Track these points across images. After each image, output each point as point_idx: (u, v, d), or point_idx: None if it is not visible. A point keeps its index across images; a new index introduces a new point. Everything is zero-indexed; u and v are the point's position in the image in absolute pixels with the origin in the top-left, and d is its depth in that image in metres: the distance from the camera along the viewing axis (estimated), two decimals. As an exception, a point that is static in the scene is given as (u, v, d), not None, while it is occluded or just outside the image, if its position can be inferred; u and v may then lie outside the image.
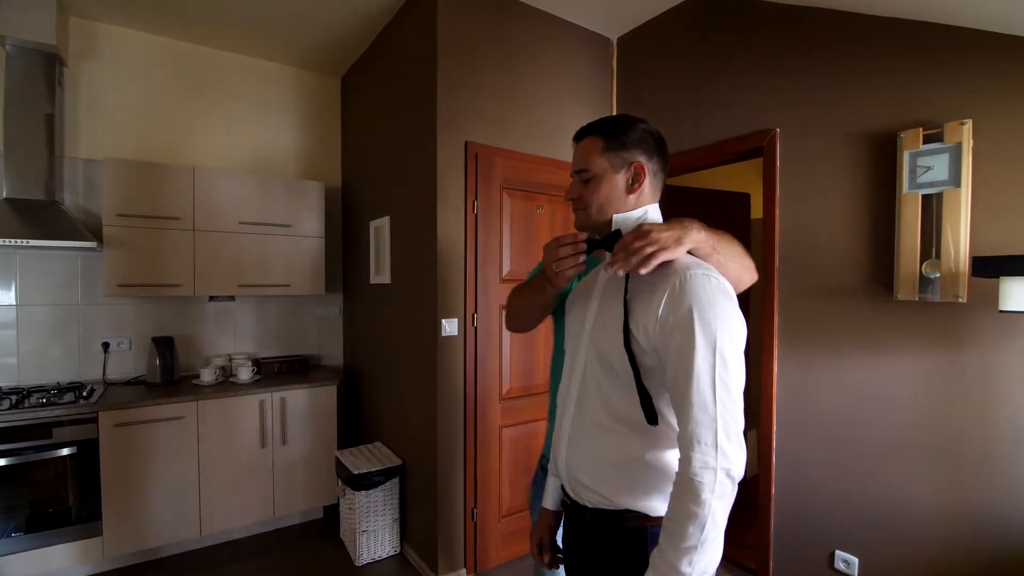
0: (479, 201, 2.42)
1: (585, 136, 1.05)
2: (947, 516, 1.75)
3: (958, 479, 1.73)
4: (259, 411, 2.72)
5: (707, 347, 0.85)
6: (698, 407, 0.83)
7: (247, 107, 3.20)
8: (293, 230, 3.05)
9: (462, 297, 2.41)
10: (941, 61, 1.76)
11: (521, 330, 1.43)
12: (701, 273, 0.90)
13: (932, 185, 1.77)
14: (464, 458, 2.40)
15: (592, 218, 1.04)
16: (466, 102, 2.41)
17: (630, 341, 0.94)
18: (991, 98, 1.66)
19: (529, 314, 1.34)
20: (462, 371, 2.40)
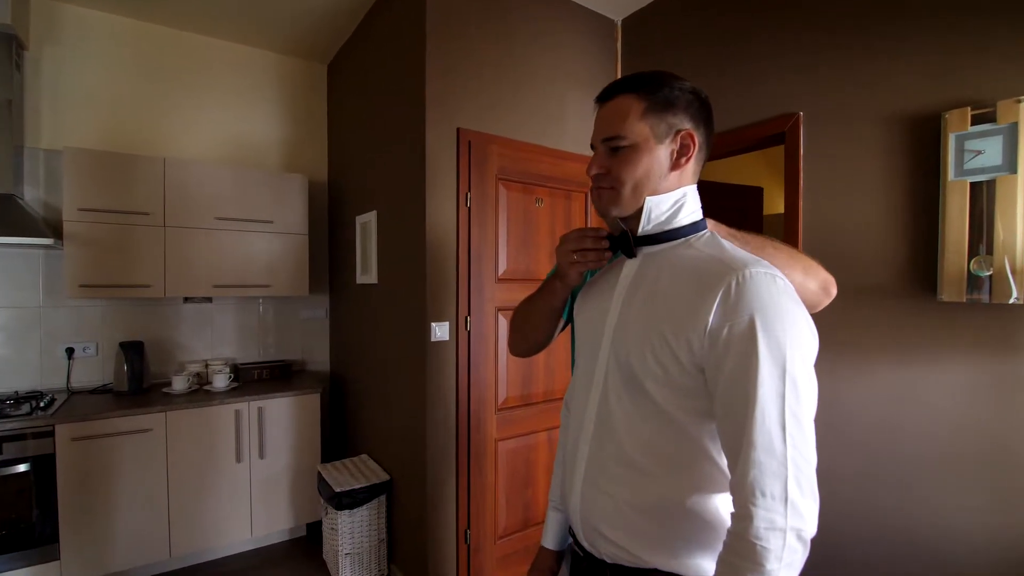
0: (472, 193, 2.21)
1: (617, 94, 0.83)
2: (995, 540, 1.54)
3: (1010, 498, 1.52)
4: (234, 422, 2.51)
5: (774, 369, 0.65)
6: (762, 448, 0.64)
7: (225, 95, 2.99)
8: (274, 226, 2.84)
9: (454, 298, 2.20)
10: (991, 31, 1.56)
11: (528, 350, 1.20)
12: (763, 272, 0.70)
13: (983, 171, 1.57)
14: (456, 474, 2.19)
15: (623, 199, 0.83)
16: (458, 85, 2.20)
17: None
18: (1054, 71, 1.46)
19: (536, 325, 1.12)
20: (454, 379, 2.20)
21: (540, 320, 1.10)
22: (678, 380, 0.74)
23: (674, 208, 0.83)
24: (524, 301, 1.16)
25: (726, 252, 0.77)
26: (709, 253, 0.78)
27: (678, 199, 0.83)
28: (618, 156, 0.82)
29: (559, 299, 1.04)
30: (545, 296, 1.06)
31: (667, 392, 0.75)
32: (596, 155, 0.85)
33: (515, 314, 1.19)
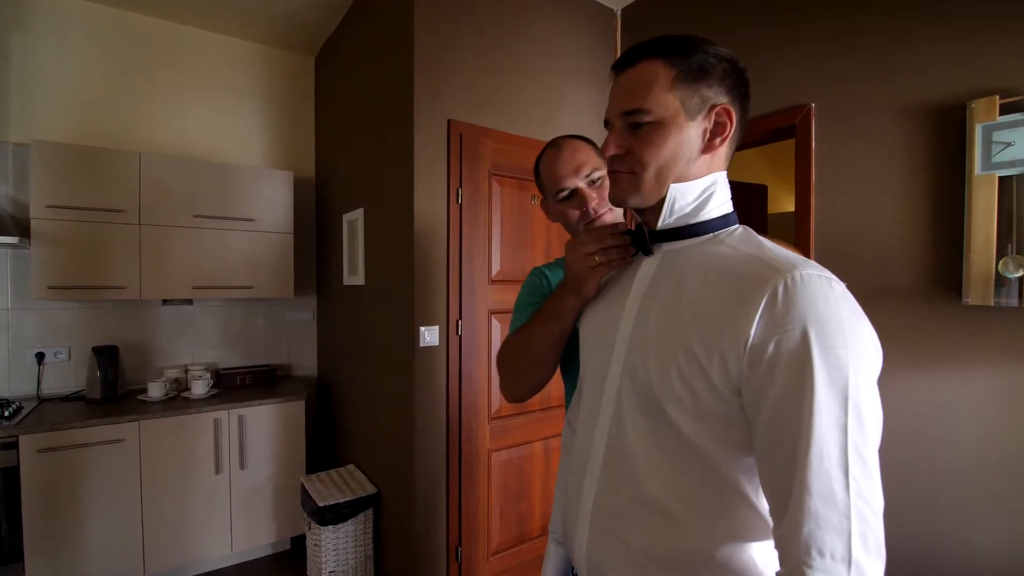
0: (464, 189, 2.09)
1: (640, 59, 0.69)
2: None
3: (1046, 524, 1.41)
4: (214, 431, 2.38)
5: (834, 395, 0.53)
6: (819, 495, 0.52)
7: (206, 87, 2.86)
8: (258, 225, 2.71)
9: (444, 301, 2.07)
10: (1019, 12, 1.44)
11: (529, 392, 1.01)
12: (816, 274, 0.57)
13: (1013, 165, 1.45)
14: (447, 487, 2.07)
15: (644, 186, 0.70)
16: (449, 75, 2.08)
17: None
18: (1093, 55, 1.34)
19: (541, 360, 0.94)
20: (444, 387, 2.07)
21: (546, 353, 0.92)
22: (709, 405, 0.61)
23: (702, 198, 0.71)
24: (518, 336, 0.97)
25: (767, 250, 0.64)
26: (746, 252, 0.65)
27: (707, 187, 0.70)
28: (640, 134, 0.69)
29: (570, 320, 0.87)
30: (550, 322, 0.88)
31: (695, 420, 0.63)
32: (612, 132, 0.72)
33: (506, 354, 1.00)
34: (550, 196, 1.07)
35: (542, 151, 1.10)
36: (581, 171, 1.02)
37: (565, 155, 1.04)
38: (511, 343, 1.00)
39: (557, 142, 1.08)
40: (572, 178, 1.02)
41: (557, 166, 1.04)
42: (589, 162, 1.03)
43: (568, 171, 1.02)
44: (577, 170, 1.02)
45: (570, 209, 1.04)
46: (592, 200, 1.02)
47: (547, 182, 1.06)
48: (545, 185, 1.08)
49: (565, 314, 0.87)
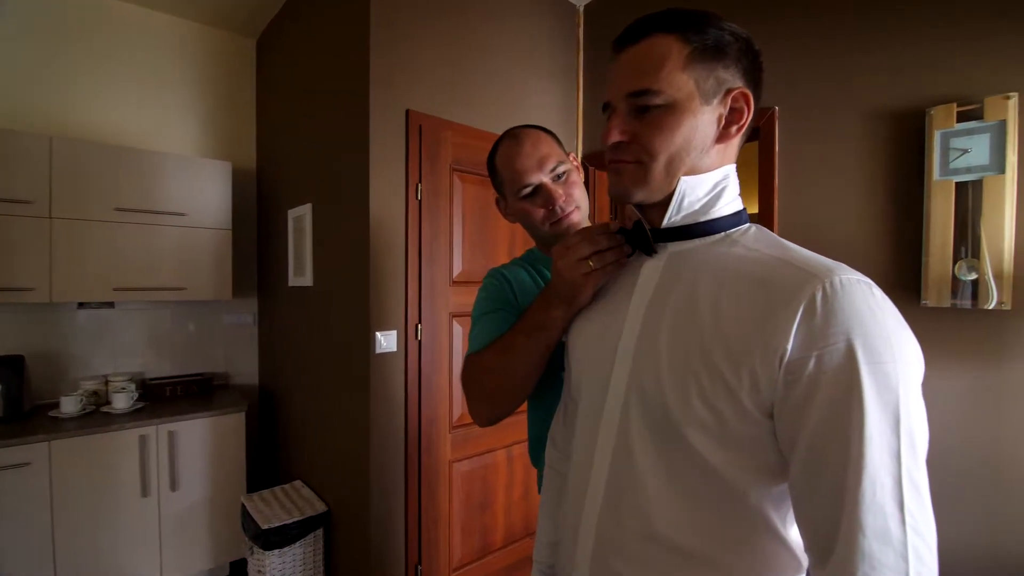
0: (424, 185, 1.96)
1: (649, 33, 0.61)
2: (986, 559, 1.47)
3: (1001, 514, 1.46)
4: (139, 450, 2.13)
5: (885, 418, 0.47)
6: (874, 533, 0.46)
7: (133, 67, 2.57)
8: (191, 220, 2.46)
9: (402, 304, 1.94)
10: (978, 24, 1.48)
11: (504, 415, 0.90)
12: (856, 279, 0.51)
13: (969, 171, 1.49)
14: (406, 502, 1.94)
15: (653, 178, 0.62)
16: (407, 61, 1.95)
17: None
18: (1043, 66, 1.39)
19: (523, 379, 0.84)
20: (403, 395, 1.94)
21: (529, 370, 0.82)
22: (736, 429, 0.54)
23: (713, 193, 0.64)
24: (493, 352, 0.85)
25: (793, 252, 0.57)
26: (769, 253, 0.58)
27: (718, 182, 0.63)
28: (648, 119, 0.60)
29: (558, 333, 0.78)
30: (533, 335, 0.79)
31: (719, 446, 0.55)
32: (615, 117, 0.63)
33: (477, 374, 0.88)
34: (510, 193, 0.97)
35: (497, 143, 0.99)
36: (545, 165, 0.93)
37: (527, 147, 0.94)
38: (483, 360, 0.87)
39: (515, 133, 0.98)
40: (536, 173, 0.93)
41: (518, 159, 0.94)
42: (553, 155, 0.94)
43: (531, 165, 0.93)
44: (541, 164, 0.93)
45: (534, 208, 0.94)
46: (559, 198, 0.93)
47: (507, 177, 0.96)
48: (504, 181, 0.98)
49: (552, 326, 0.77)
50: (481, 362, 0.88)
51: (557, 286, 0.74)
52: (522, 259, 1.09)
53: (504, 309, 0.96)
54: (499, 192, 1.04)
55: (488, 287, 1.01)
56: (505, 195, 1.00)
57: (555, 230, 0.95)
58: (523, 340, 0.81)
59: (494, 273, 1.04)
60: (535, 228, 0.98)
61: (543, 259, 1.05)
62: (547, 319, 0.77)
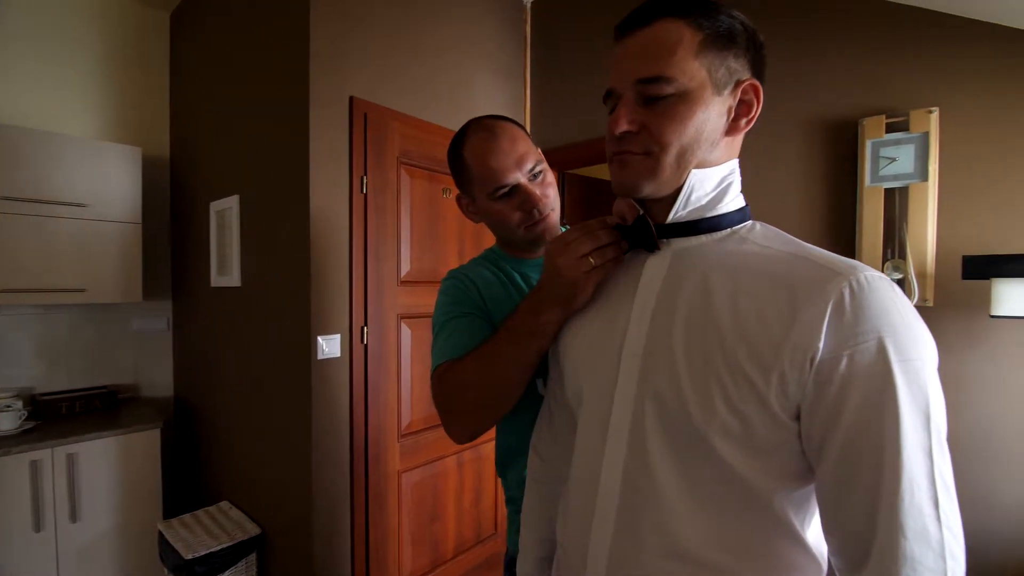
0: (370, 178, 1.84)
1: (658, 17, 0.57)
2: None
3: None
4: (30, 477, 1.83)
5: (918, 417, 0.47)
6: (914, 535, 0.45)
7: (29, 39, 2.20)
8: (93, 211, 2.15)
9: (347, 305, 1.81)
10: (906, 43, 1.60)
11: (486, 427, 0.81)
12: (879, 276, 0.50)
13: (896, 178, 1.61)
14: (352, 518, 1.81)
15: (663, 171, 0.58)
16: (351, 46, 1.81)
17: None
18: (960, 85, 1.53)
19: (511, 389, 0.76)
20: (348, 404, 1.80)
21: (517, 379, 0.75)
22: (763, 434, 0.52)
23: (720, 188, 0.61)
24: (474, 362, 0.76)
25: (809, 249, 0.56)
26: (784, 251, 0.56)
27: (725, 176, 0.61)
28: (658, 108, 0.56)
29: (551, 338, 0.72)
30: (523, 342, 0.71)
31: (746, 452, 0.53)
32: (622, 105, 0.58)
33: (457, 386, 0.79)
34: (481, 192, 0.89)
35: (462, 135, 0.91)
36: (524, 164, 0.86)
37: (503, 143, 0.86)
38: (462, 373, 0.77)
39: (488, 125, 0.89)
40: (514, 172, 0.85)
41: (495, 157, 0.86)
42: (531, 153, 0.88)
43: (509, 164, 0.85)
44: (519, 163, 0.86)
45: (509, 210, 0.87)
46: (538, 200, 0.86)
47: (479, 175, 0.88)
48: (476, 179, 0.89)
49: (544, 332, 0.70)
50: (460, 375, 0.78)
51: (553, 286, 0.67)
52: (483, 259, 1.01)
53: (473, 313, 0.88)
54: (463, 189, 0.94)
55: (450, 290, 0.92)
56: (473, 193, 0.91)
57: (530, 234, 0.89)
58: (510, 349, 0.73)
59: (455, 274, 0.95)
60: (507, 231, 0.91)
61: (509, 259, 0.98)
62: (538, 324, 0.70)
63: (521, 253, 0.97)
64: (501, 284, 0.94)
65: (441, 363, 0.82)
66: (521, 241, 0.92)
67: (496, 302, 0.91)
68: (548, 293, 0.69)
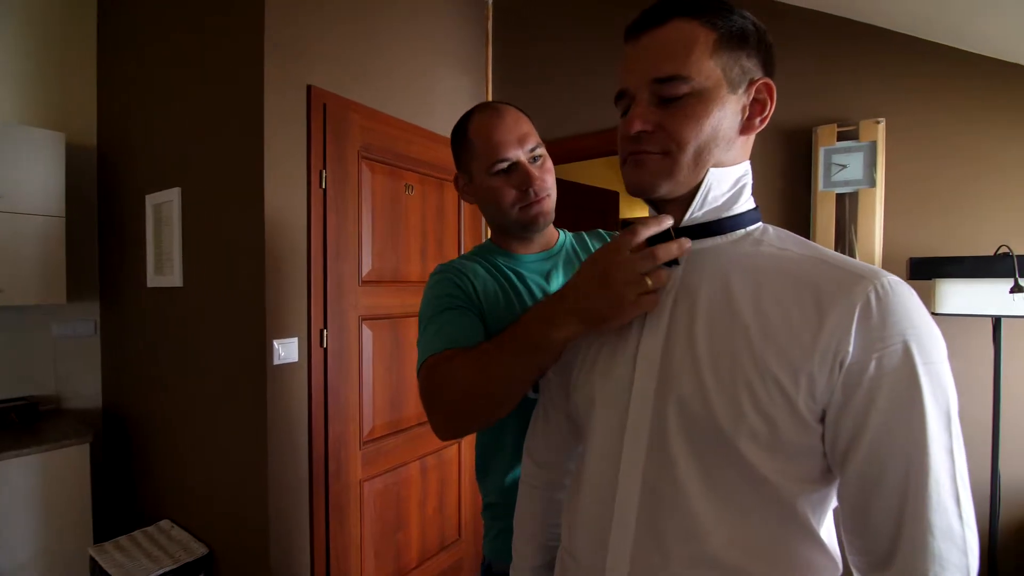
0: (329, 172, 1.74)
1: (672, 16, 0.56)
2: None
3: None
4: (-71, 504, 1.61)
5: (941, 418, 0.48)
6: (941, 533, 0.47)
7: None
8: (7, 203, 1.93)
9: (305, 307, 1.71)
10: (856, 57, 1.70)
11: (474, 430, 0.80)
12: (899, 280, 0.52)
13: (847, 184, 1.70)
14: (311, 530, 1.71)
15: (681, 170, 0.57)
16: (309, 32, 1.71)
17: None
18: (904, 97, 1.63)
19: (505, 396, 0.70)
20: (306, 411, 1.70)
21: (516, 391, 0.70)
22: (789, 437, 0.52)
23: (735, 188, 0.61)
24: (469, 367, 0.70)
25: (826, 252, 0.57)
26: (803, 253, 0.57)
27: (740, 177, 0.61)
28: (674, 107, 0.55)
29: (556, 358, 0.66)
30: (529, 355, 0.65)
31: (771, 455, 0.52)
32: (638, 105, 0.57)
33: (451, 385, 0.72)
34: (480, 168, 0.89)
35: (469, 114, 0.92)
36: (525, 143, 0.87)
37: (508, 121, 0.88)
38: (452, 372, 0.72)
39: (495, 105, 0.91)
40: (515, 149, 0.86)
41: (499, 132, 0.86)
42: (532, 136, 0.89)
43: (511, 140, 0.86)
44: (521, 141, 0.87)
45: (506, 187, 0.87)
46: (535, 179, 0.86)
47: (480, 149, 0.88)
48: (476, 154, 0.89)
49: (553, 348, 0.63)
50: (449, 374, 0.72)
51: (590, 298, 0.60)
52: (475, 253, 0.98)
53: (466, 308, 0.84)
54: (462, 168, 0.94)
55: (442, 282, 0.88)
56: (471, 171, 0.91)
57: (524, 216, 0.88)
58: (510, 360, 0.66)
59: (447, 268, 0.92)
60: (501, 211, 0.89)
61: (502, 253, 0.95)
62: (550, 338, 0.62)
63: (516, 246, 0.95)
64: (495, 280, 0.91)
65: (430, 355, 0.77)
66: (514, 224, 0.90)
67: (491, 299, 0.88)
68: (577, 304, 0.61)
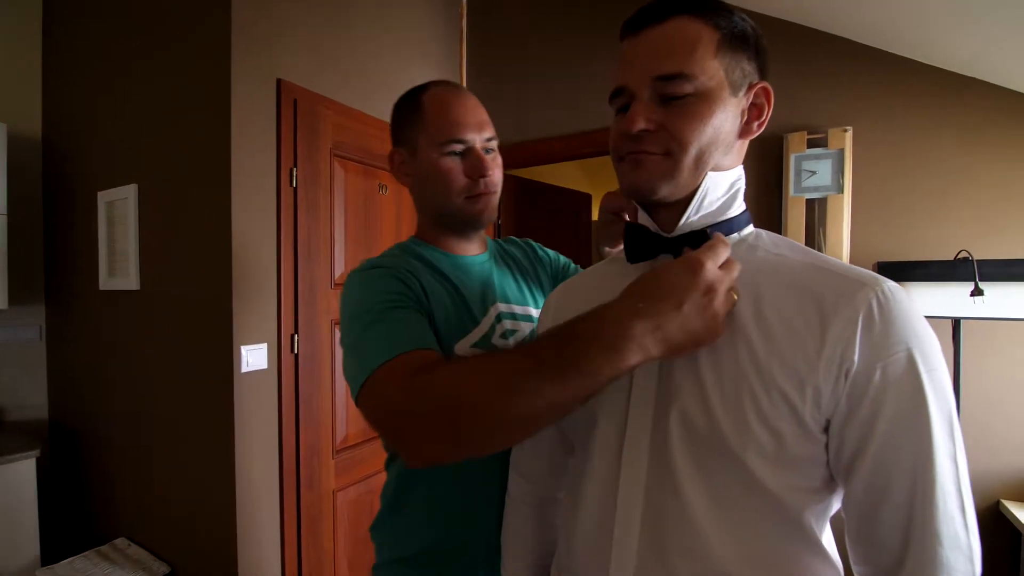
0: (300, 170, 1.68)
1: (674, 14, 0.55)
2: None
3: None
4: None
5: (944, 426, 0.48)
6: (949, 542, 0.47)
7: None
8: (-64, 199, 1.77)
9: (275, 311, 1.63)
10: (825, 67, 1.75)
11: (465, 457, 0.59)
12: (897, 287, 0.52)
13: (816, 190, 1.75)
14: (282, 544, 1.64)
15: (682, 172, 0.55)
16: (278, 22, 1.64)
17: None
18: (870, 107, 1.69)
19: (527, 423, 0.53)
20: (276, 420, 1.63)
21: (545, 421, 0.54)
22: (794, 449, 0.51)
23: (730, 192, 0.60)
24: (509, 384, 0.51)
25: (821, 257, 0.57)
26: (800, 260, 0.56)
27: (734, 181, 0.60)
28: (676, 107, 0.54)
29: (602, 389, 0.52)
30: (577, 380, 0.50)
31: (777, 468, 0.52)
32: (638, 103, 0.55)
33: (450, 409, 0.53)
34: (430, 143, 0.79)
35: (424, 85, 0.83)
36: (483, 131, 0.81)
37: (471, 103, 0.82)
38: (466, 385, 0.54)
39: (454, 84, 0.85)
40: (473, 132, 0.80)
41: (459, 110, 0.80)
42: (490, 126, 0.83)
43: (472, 122, 0.80)
44: (480, 127, 0.81)
45: (458, 170, 0.79)
46: (489, 169, 0.80)
47: (435, 123, 0.79)
48: (427, 126, 0.80)
49: (615, 377, 0.50)
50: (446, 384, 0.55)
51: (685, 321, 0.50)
52: (402, 250, 0.84)
53: (418, 310, 0.72)
54: (404, 143, 0.83)
55: (384, 278, 0.73)
56: (417, 144, 0.81)
57: (469, 207, 0.81)
58: (555, 382, 0.50)
59: (381, 264, 0.77)
60: (446, 197, 0.80)
61: (441, 252, 0.84)
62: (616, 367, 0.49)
63: (454, 244, 0.86)
64: (439, 283, 0.81)
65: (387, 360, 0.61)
66: (456, 215, 0.82)
67: (439, 304, 0.78)
68: (665, 327, 0.49)
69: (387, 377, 0.60)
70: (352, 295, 0.73)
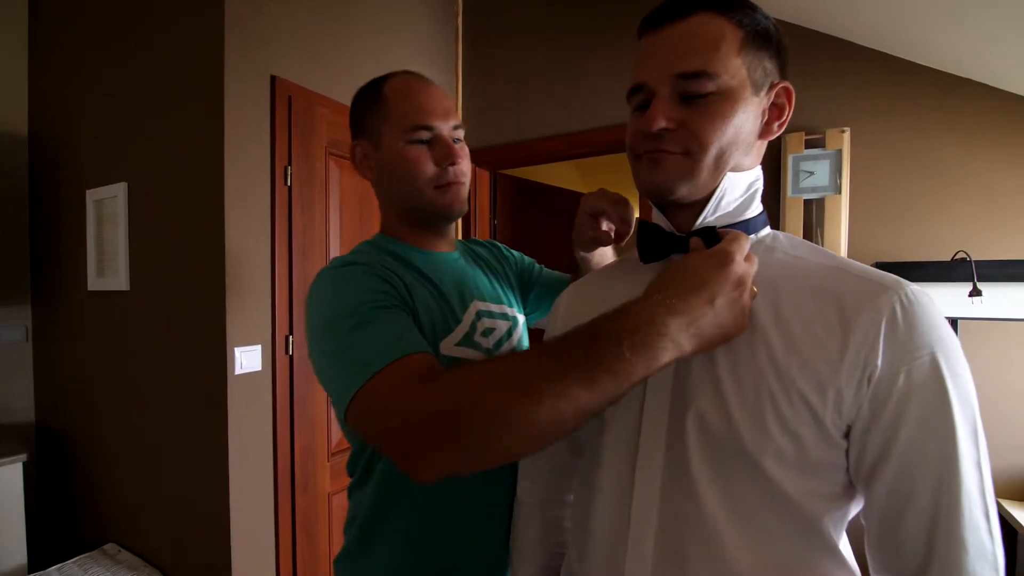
0: (295, 168, 1.65)
1: (696, 10, 0.53)
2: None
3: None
4: None
5: (969, 432, 0.47)
6: (975, 551, 0.46)
7: None
8: (-82, 197, 1.72)
9: (269, 312, 1.61)
10: (824, 68, 1.75)
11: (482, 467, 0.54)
12: (920, 290, 0.51)
13: (814, 190, 1.75)
14: (277, 549, 1.61)
15: (702, 172, 0.54)
16: (273, 19, 1.62)
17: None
18: (868, 108, 1.70)
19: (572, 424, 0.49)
20: (271, 423, 1.60)
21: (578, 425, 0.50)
22: (814, 454, 0.50)
23: (748, 194, 0.59)
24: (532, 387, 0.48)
25: (841, 259, 0.56)
26: (820, 262, 0.55)
27: (752, 182, 0.59)
28: (697, 105, 0.53)
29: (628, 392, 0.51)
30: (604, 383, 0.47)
31: (797, 474, 0.51)
32: (659, 101, 0.54)
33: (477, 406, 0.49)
34: (395, 132, 0.76)
35: (385, 76, 0.80)
36: (449, 119, 0.78)
37: (436, 91, 0.79)
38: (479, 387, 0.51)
39: (413, 73, 0.81)
40: (440, 120, 0.77)
41: (425, 97, 0.77)
42: (456, 115, 0.80)
43: (439, 109, 0.77)
44: (446, 115, 0.78)
45: (426, 158, 0.75)
46: (459, 157, 0.77)
47: (398, 111, 0.76)
48: (392, 115, 0.76)
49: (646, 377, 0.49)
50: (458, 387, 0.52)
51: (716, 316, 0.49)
52: (374, 247, 0.80)
53: (404, 310, 0.68)
54: (367, 135, 0.80)
55: (366, 275, 0.68)
56: (380, 135, 0.77)
57: (439, 197, 0.77)
58: (584, 384, 0.47)
59: (357, 260, 0.71)
60: (414, 187, 0.76)
61: (414, 249, 0.80)
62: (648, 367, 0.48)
63: (426, 240, 0.82)
64: (416, 278, 0.77)
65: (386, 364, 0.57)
66: (425, 207, 0.78)
67: (423, 305, 0.74)
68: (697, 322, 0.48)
69: (387, 385, 0.56)
70: (326, 296, 0.67)
